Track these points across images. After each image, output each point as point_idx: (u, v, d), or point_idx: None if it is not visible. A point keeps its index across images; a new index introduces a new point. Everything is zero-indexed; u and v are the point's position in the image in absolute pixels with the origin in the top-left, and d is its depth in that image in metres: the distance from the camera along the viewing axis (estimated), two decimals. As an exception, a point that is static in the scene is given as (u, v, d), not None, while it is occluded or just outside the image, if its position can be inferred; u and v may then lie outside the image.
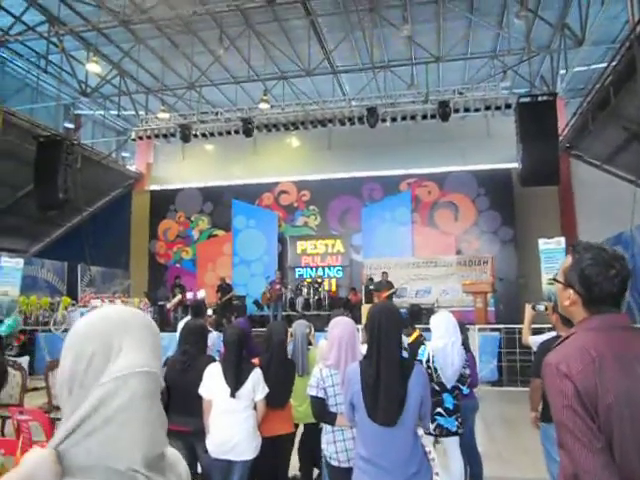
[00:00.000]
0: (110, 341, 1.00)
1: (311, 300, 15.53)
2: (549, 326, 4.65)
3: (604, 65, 12.23)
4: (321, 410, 3.18)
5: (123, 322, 1.04)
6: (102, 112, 18.39)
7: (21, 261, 14.39)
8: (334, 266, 17.79)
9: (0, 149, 13.90)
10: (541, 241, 13.69)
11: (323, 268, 17.75)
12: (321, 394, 3.16)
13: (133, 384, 0.95)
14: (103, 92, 16.05)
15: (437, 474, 2.59)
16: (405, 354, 2.98)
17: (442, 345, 4.13)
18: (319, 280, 16.32)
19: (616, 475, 1.36)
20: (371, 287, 14.13)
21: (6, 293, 13.61)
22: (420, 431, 2.64)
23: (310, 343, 4.99)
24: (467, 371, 4.28)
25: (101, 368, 0.98)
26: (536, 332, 4.75)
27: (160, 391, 1.01)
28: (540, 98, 12.54)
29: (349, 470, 3.19)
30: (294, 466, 4.63)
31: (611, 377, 1.42)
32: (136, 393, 0.95)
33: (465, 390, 4.24)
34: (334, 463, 3.16)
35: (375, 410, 2.55)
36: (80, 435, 0.92)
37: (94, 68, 13.99)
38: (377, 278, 14.24)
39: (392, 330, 2.66)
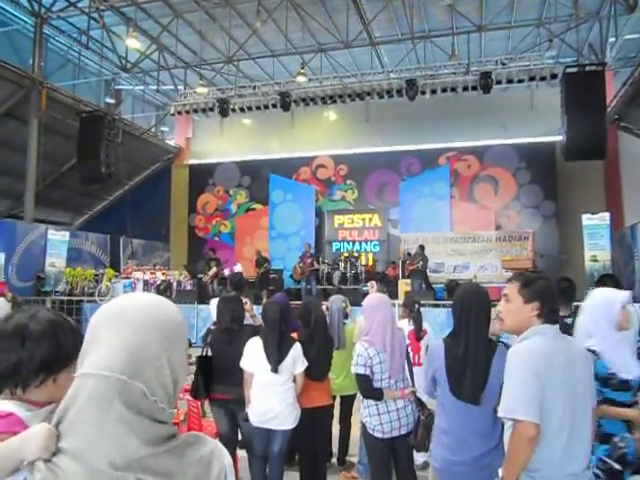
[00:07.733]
0: (97, 332, 0.97)
1: (348, 274, 15.54)
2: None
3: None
4: (368, 387, 3.29)
5: (117, 314, 0.98)
6: (142, 87, 18.60)
7: (67, 234, 14.88)
8: (371, 240, 17.73)
9: (45, 124, 14.30)
10: (585, 216, 13.30)
11: (360, 242, 17.74)
12: (368, 372, 3.27)
13: (90, 385, 0.91)
14: (143, 67, 16.19)
15: None
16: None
17: None
18: (355, 254, 16.30)
19: None
20: (403, 260, 14.10)
21: (53, 265, 14.13)
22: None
23: (347, 317, 5.03)
24: None
25: (83, 358, 0.96)
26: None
27: (139, 395, 0.91)
28: (588, 68, 12.05)
29: (393, 440, 3.27)
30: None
31: None
32: (92, 395, 0.90)
33: None
34: (378, 435, 3.24)
35: (459, 387, 2.59)
36: (67, 423, 0.91)
37: (134, 43, 14.16)
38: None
39: (481, 311, 2.69)
